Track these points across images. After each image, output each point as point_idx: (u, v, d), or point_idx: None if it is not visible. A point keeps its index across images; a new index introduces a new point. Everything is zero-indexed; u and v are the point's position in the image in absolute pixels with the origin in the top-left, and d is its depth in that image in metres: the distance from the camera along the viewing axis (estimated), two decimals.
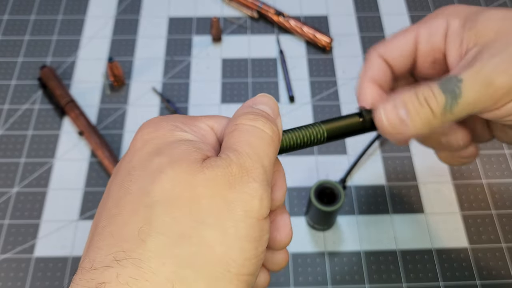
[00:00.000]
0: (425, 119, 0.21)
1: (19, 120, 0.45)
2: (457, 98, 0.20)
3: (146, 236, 0.15)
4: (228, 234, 0.15)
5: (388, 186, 0.41)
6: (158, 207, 0.15)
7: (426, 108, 0.21)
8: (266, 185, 0.16)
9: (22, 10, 0.52)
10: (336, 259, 0.38)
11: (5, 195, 0.41)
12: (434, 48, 0.24)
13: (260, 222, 0.16)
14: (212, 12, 0.52)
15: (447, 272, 0.37)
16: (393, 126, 0.21)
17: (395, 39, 0.25)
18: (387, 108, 0.21)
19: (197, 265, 0.15)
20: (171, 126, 0.18)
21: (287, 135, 0.20)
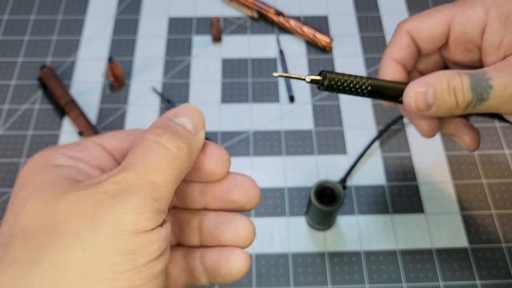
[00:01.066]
0: (449, 108, 0.22)
1: (19, 120, 0.45)
2: (483, 101, 0.21)
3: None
4: (89, 251, 0.14)
5: (388, 186, 0.41)
6: (14, 242, 0.15)
7: (452, 98, 0.22)
8: (150, 199, 0.15)
9: (22, 10, 0.52)
10: (336, 259, 0.38)
11: (5, 195, 0.41)
12: (469, 40, 0.23)
13: (137, 236, 0.15)
14: (212, 12, 0.52)
15: (447, 272, 0.37)
16: (418, 108, 0.23)
17: (427, 19, 0.24)
18: (418, 90, 0.22)
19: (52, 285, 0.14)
20: (49, 156, 0.17)
21: (334, 75, 0.23)
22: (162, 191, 0.16)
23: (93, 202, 0.15)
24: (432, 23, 0.24)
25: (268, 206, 0.40)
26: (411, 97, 0.23)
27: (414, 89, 0.23)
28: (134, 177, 0.16)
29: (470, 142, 0.26)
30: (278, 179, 0.42)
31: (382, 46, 0.50)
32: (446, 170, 0.42)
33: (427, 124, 0.25)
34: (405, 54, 0.25)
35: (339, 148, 0.43)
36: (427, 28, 0.24)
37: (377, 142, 0.44)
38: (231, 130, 0.44)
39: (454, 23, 0.23)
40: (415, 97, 0.23)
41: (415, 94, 0.23)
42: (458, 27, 0.23)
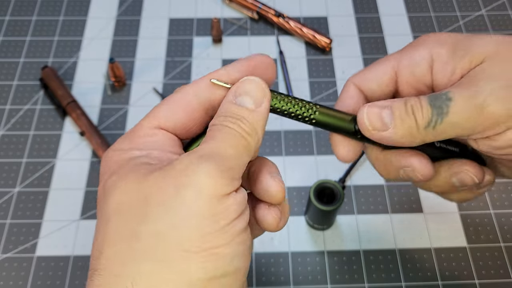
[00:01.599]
0: (407, 128, 0.20)
1: (21, 120, 0.45)
2: (443, 116, 0.20)
3: (101, 247, 0.17)
4: (177, 216, 0.16)
5: (387, 186, 0.42)
6: (112, 218, 0.17)
7: (411, 117, 0.20)
8: (223, 168, 0.17)
9: (23, 11, 0.53)
10: (335, 258, 0.38)
11: (7, 195, 0.41)
12: (419, 80, 0.22)
13: (217, 199, 0.17)
14: (213, 13, 0.53)
15: (446, 271, 0.37)
16: (374, 127, 0.21)
17: (373, 69, 0.23)
18: (371, 107, 0.21)
19: (154, 256, 0.16)
20: (122, 151, 0.20)
21: (280, 96, 0.21)
22: (233, 161, 0.18)
23: (173, 176, 0.17)
24: (378, 72, 0.23)
25: None
26: (364, 114, 0.21)
27: (368, 106, 0.21)
28: (208, 151, 0.18)
29: (421, 167, 0.22)
30: None
31: (381, 47, 0.51)
32: None
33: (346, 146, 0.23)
34: (353, 104, 0.23)
35: None
36: (373, 78, 0.23)
37: None
38: None
39: (400, 68, 0.22)
40: (369, 114, 0.21)
41: (369, 111, 0.21)
42: (405, 70, 0.22)
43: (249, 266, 0.19)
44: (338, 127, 0.22)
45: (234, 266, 0.17)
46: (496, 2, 0.54)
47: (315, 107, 0.21)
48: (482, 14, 0.53)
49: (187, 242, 0.16)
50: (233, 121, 0.19)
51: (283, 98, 0.21)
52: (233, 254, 0.17)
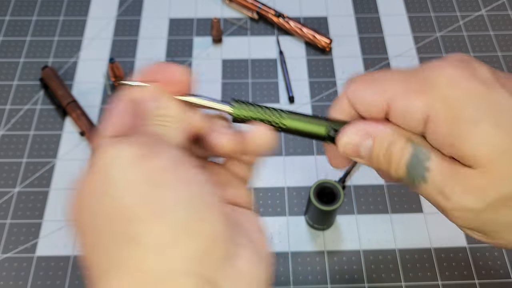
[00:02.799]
0: (380, 167, 0.20)
1: (21, 120, 0.45)
2: (414, 184, 0.19)
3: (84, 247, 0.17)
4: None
5: (387, 186, 0.42)
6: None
7: (386, 163, 0.19)
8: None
9: (23, 11, 0.53)
10: (335, 258, 0.38)
11: (7, 195, 0.41)
12: (410, 126, 0.20)
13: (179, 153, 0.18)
14: (213, 13, 0.53)
15: (446, 271, 0.37)
16: (346, 154, 0.20)
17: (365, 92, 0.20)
18: (351, 137, 0.20)
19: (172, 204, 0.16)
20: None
21: (243, 104, 0.21)
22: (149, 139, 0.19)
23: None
24: (370, 99, 0.20)
25: (268, 205, 0.40)
26: (342, 142, 0.20)
27: (350, 136, 0.20)
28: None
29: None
30: (278, 179, 0.42)
31: (381, 47, 0.51)
32: None
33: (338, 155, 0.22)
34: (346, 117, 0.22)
35: None
36: (365, 101, 0.20)
37: None
38: None
39: (393, 104, 0.19)
40: (346, 141, 0.20)
41: (347, 142, 0.20)
42: (397, 111, 0.19)
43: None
44: (309, 133, 0.21)
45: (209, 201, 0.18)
46: (496, 2, 0.54)
47: (283, 113, 0.21)
48: (482, 14, 0.53)
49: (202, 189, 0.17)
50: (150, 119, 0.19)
51: (248, 106, 0.21)
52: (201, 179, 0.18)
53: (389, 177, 0.20)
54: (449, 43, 0.51)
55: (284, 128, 0.21)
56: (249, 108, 0.21)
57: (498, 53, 0.50)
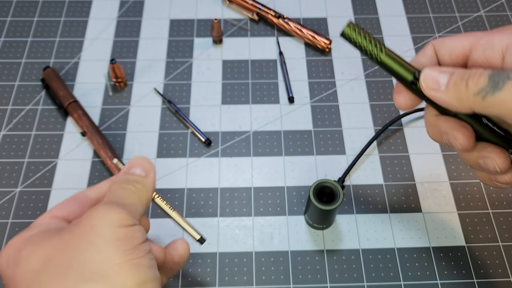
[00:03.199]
0: (458, 91, 0.22)
1: (23, 121, 0.45)
2: (495, 90, 0.21)
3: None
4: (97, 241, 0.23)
5: (386, 186, 0.42)
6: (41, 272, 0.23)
7: (463, 82, 0.22)
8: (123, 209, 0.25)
9: (25, 11, 0.53)
10: (335, 257, 0.38)
11: (8, 195, 0.41)
12: (488, 62, 0.24)
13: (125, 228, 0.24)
14: (213, 14, 0.53)
15: (445, 271, 0.38)
16: (427, 85, 0.23)
17: (453, 38, 0.25)
18: (432, 70, 0.23)
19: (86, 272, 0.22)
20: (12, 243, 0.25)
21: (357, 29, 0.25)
22: (130, 206, 0.26)
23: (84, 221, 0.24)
24: (454, 42, 0.25)
25: (268, 205, 0.41)
26: (424, 72, 0.24)
27: (428, 68, 0.24)
28: (109, 200, 0.26)
29: (463, 139, 0.24)
30: (278, 178, 0.42)
31: None
32: (443, 170, 0.43)
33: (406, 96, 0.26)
34: (425, 62, 0.26)
35: (337, 148, 0.44)
36: (448, 44, 0.25)
37: (375, 142, 0.44)
38: (231, 131, 0.45)
39: (476, 45, 0.24)
40: (427, 74, 0.23)
41: (427, 72, 0.23)
42: (479, 48, 0.24)
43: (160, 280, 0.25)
44: (398, 74, 0.25)
45: (152, 274, 0.24)
46: (495, 3, 0.54)
47: (384, 49, 0.24)
48: (481, 15, 0.53)
49: (113, 257, 0.22)
50: (130, 183, 0.27)
51: (359, 32, 0.24)
52: (149, 265, 0.24)
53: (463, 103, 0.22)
54: None
55: (379, 61, 0.25)
56: (359, 33, 0.24)
57: None
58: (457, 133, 0.24)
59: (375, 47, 0.24)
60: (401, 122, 0.46)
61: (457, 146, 0.25)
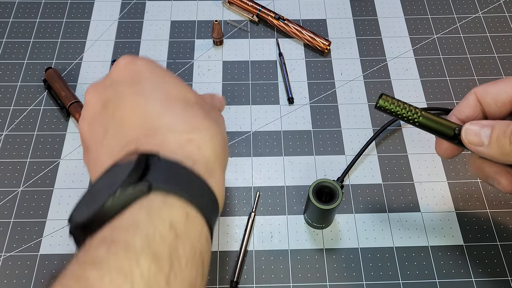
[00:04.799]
0: (500, 148, 0.22)
1: (25, 121, 0.46)
2: None
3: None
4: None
5: (385, 185, 0.42)
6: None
7: (506, 138, 0.22)
8: None
9: (27, 13, 0.53)
10: (334, 256, 0.38)
11: (11, 194, 0.41)
12: None
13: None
14: (213, 16, 0.53)
15: (443, 269, 0.38)
16: (469, 140, 0.24)
17: (496, 84, 0.25)
18: (472, 125, 0.24)
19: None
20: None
21: (392, 100, 0.26)
22: None
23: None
24: (498, 89, 0.25)
25: (268, 204, 0.41)
26: (464, 130, 0.24)
27: (469, 125, 0.24)
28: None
29: (506, 184, 0.25)
30: (277, 178, 0.42)
31: (379, 49, 0.51)
32: (441, 170, 0.43)
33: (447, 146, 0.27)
34: (469, 113, 0.26)
35: (337, 148, 0.44)
36: (492, 92, 0.25)
37: (373, 142, 0.45)
38: (232, 131, 0.45)
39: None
40: (468, 131, 0.24)
41: (468, 128, 0.24)
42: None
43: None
44: (438, 132, 0.26)
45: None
46: (493, 4, 0.55)
47: (420, 112, 0.25)
48: (479, 16, 0.54)
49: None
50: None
51: (392, 102, 0.26)
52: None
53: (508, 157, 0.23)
54: (446, 44, 0.52)
55: (417, 125, 0.26)
56: (394, 102, 0.26)
57: (495, 55, 0.51)
58: (501, 178, 0.25)
59: (411, 112, 0.25)
60: (399, 123, 0.46)
61: (500, 190, 0.26)
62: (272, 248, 0.39)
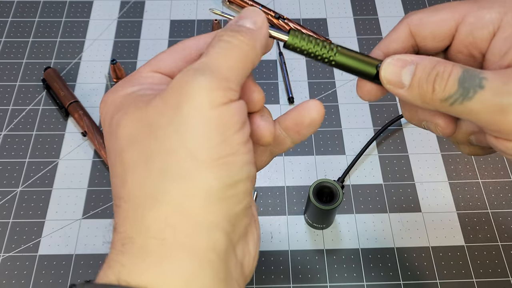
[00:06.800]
0: (422, 94, 0.19)
1: (24, 121, 0.45)
2: (465, 99, 0.18)
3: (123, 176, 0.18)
4: (183, 132, 0.17)
5: (386, 185, 0.42)
6: (125, 149, 0.18)
7: (429, 85, 0.19)
8: (218, 79, 0.17)
9: (26, 12, 0.53)
10: (334, 256, 0.38)
11: (10, 194, 0.41)
12: (475, 43, 0.20)
13: (216, 109, 0.17)
14: (213, 15, 0.53)
15: (444, 270, 0.38)
16: (388, 81, 0.20)
17: (434, 14, 0.21)
18: (394, 61, 0.20)
19: (170, 173, 0.17)
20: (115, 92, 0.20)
21: (301, 35, 0.21)
22: (228, 71, 0.18)
23: (171, 95, 0.17)
24: (438, 20, 0.20)
25: (268, 204, 0.41)
26: (384, 66, 0.20)
27: (393, 60, 0.20)
28: (202, 65, 0.17)
29: (445, 126, 0.21)
30: (278, 178, 0.42)
31: None
32: (442, 170, 0.43)
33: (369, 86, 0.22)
34: (397, 47, 0.21)
35: (337, 148, 0.44)
36: (432, 24, 0.21)
37: (374, 142, 0.44)
38: None
39: (463, 22, 0.20)
40: (388, 68, 0.20)
41: (389, 65, 0.20)
42: (466, 27, 0.20)
43: (255, 175, 0.20)
44: (358, 72, 0.21)
45: (245, 173, 0.18)
46: None
47: (335, 48, 0.21)
48: None
49: (198, 154, 0.17)
50: (231, 34, 0.19)
51: (303, 38, 0.21)
52: (242, 162, 0.18)
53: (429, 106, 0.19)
54: None
55: (334, 64, 0.21)
56: (304, 39, 0.21)
57: None
58: (438, 120, 0.21)
59: (325, 49, 0.21)
60: (400, 122, 0.46)
61: (437, 132, 0.22)
62: (272, 249, 0.39)
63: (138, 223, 0.17)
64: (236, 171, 0.17)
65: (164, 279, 0.16)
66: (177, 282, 0.16)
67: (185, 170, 0.17)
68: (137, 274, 0.16)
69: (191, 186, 0.16)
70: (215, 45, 0.18)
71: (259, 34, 0.19)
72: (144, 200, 0.17)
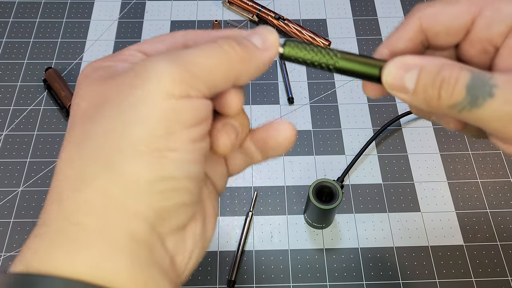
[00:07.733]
0: (427, 100, 0.18)
1: (25, 121, 0.46)
2: (474, 107, 0.17)
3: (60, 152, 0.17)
4: (129, 115, 0.16)
5: (385, 185, 0.42)
6: (73, 123, 0.17)
7: (435, 91, 0.17)
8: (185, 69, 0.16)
9: (27, 12, 0.53)
10: (334, 256, 0.38)
11: (11, 194, 0.41)
12: (490, 38, 0.19)
13: (172, 101, 0.16)
14: (213, 16, 0.53)
15: (443, 269, 0.38)
16: (390, 86, 0.19)
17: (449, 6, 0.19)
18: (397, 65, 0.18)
19: (101, 155, 0.16)
20: (94, 63, 0.19)
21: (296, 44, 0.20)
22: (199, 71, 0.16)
23: (131, 76, 0.16)
24: (454, 12, 0.19)
25: (268, 204, 0.41)
26: (385, 73, 0.18)
27: (395, 64, 0.18)
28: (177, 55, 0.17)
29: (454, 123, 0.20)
30: (278, 178, 0.42)
31: None
32: (441, 170, 0.43)
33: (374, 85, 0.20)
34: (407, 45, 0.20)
35: (337, 148, 0.44)
36: (447, 18, 0.19)
37: (373, 142, 0.45)
38: None
39: (480, 15, 0.18)
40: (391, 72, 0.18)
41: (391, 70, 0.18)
42: (483, 21, 0.18)
43: (202, 176, 0.18)
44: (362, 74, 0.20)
45: (184, 172, 0.17)
46: None
47: (337, 54, 0.20)
48: None
49: (135, 141, 0.16)
50: (228, 42, 0.17)
51: (301, 47, 0.20)
52: (182, 160, 0.16)
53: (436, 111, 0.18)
54: None
55: (337, 69, 0.20)
56: (302, 48, 0.20)
57: None
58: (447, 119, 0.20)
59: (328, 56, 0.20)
60: (399, 123, 0.46)
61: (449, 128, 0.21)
62: (272, 248, 0.39)
63: (58, 205, 0.16)
64: (173, 167, 0.16)
65: (73, 262, 0.15)
66: (86, 265, 0.15)
67: (117, 156, 0.16)
68: (49, 259, 0.15)
69: (120, 174, 0.16)
70: (204, 44, 0.17)
71: (261, 56, 0.19)
72: (70, 182, 0.16)
